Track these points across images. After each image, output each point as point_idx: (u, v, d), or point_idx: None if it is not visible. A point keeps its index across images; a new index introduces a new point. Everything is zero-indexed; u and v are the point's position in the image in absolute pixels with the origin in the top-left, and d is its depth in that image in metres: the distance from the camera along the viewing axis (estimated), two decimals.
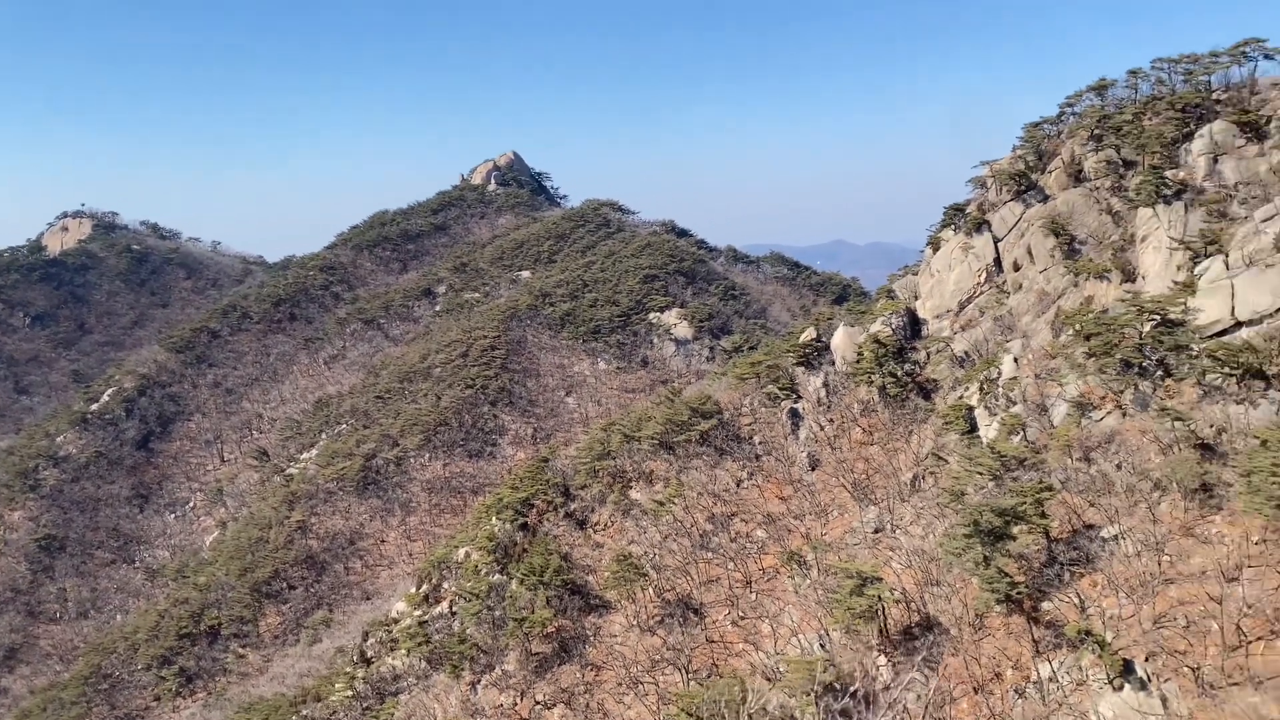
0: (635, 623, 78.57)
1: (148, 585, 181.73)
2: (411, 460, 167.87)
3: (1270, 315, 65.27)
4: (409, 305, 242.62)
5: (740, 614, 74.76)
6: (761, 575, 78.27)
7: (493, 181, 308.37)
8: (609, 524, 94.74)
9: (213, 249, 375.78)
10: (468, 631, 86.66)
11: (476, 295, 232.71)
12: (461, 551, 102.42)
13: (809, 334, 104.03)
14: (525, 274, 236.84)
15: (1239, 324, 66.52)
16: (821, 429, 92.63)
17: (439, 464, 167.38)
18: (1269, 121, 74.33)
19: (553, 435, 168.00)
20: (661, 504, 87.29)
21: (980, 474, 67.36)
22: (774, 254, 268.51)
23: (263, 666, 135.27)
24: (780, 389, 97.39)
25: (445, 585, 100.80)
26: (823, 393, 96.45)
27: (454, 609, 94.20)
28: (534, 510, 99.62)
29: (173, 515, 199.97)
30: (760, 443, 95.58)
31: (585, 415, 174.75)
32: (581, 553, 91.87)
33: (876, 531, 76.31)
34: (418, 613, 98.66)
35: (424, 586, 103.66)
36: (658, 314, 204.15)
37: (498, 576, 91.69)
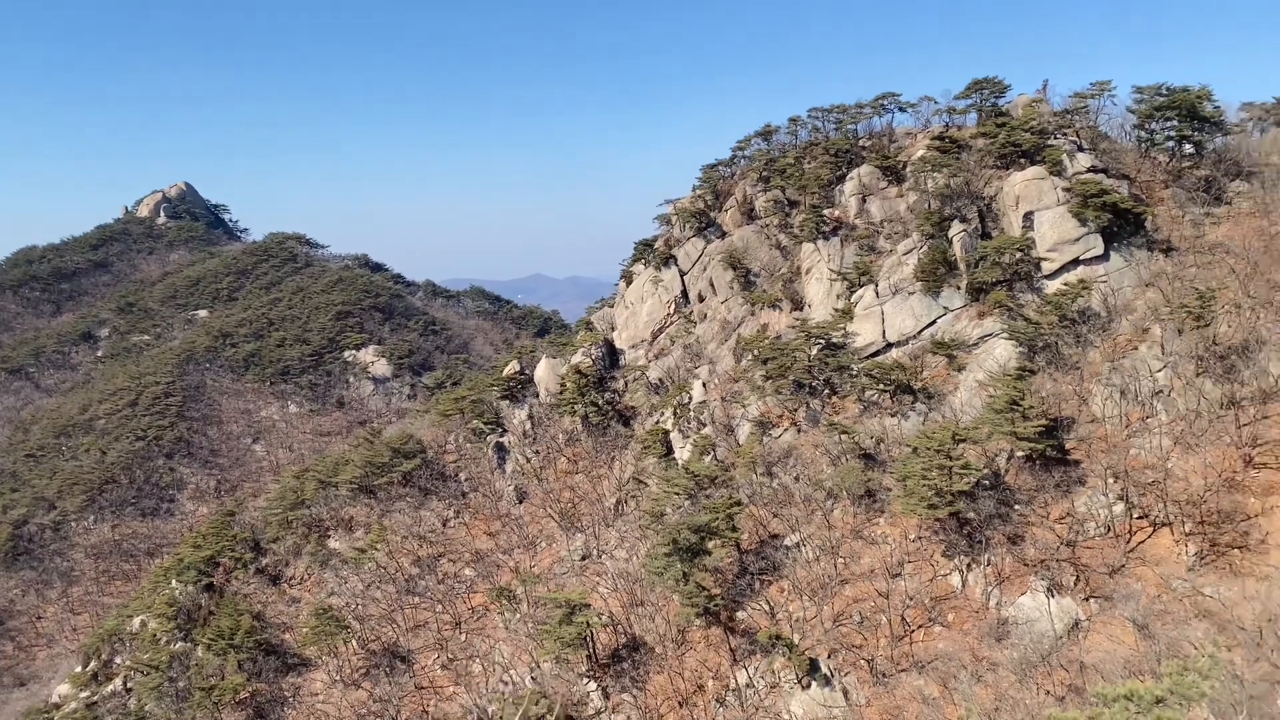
0: (338, 678, 74.28)
1: None
2: (73, 524, 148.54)
3: (914, 336, 74.20)
4: (65, 351, 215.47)
5: (450, 656, 72.87)
6: (471, 614, 76.87)
7: (163, 214, 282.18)
8: (306, 577, 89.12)
9: None
10: (146, 708, 77.65)
11: (146, 338, 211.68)
12: (137, 621, 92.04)
13: (512, 367, 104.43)
14: (202, 313, 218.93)
15: (889, 345, 75.05)
16: (528, 461, 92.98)
17: (106, 526, 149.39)
18: (905, 166, 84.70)
19: (239, 486, 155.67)
20: (363, 551, 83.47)
21: (677, 494, 70.52)
22: (474, 288, 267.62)
23: None
24: (485, 424, 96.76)
25: (118, 660, 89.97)
26: (528, 425, 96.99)
27: (129, 685, 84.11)
28: (220, 569, 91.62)
29: None
30: (466, 479, 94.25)
31: (276, 463, 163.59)
32: (276, 610, 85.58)
33: (584, 559, 77.57)
34: (85, 694, 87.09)
35: (92, 664, 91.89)
36: (353, 352, 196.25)
37: (181, 644, 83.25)
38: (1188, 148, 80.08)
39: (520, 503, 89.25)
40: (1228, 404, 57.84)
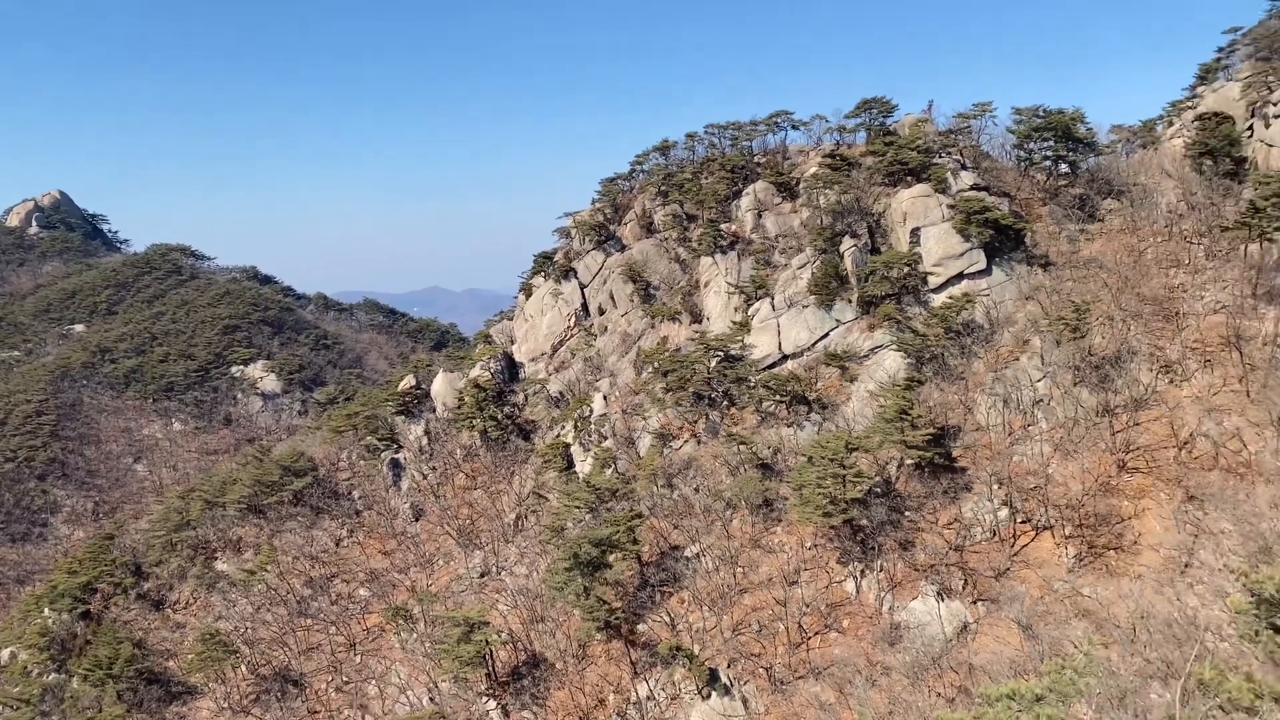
0: (226, 705, 71.31)
1: None
2: None
3: (809, 348, 75.75)
4: None
5: (345, 679, 70.82)
6: (366, 635, 74.88)
7: (34, 224, 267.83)
8: (191, 601, 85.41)
9: None
10: None
11: (16, 354, 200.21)
12: (5, 652, 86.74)
13: (408, 382, 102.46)
14: (79, 328, 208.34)
15: (785, 357, 76.43)
16: (424, 477, 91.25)
17: None
18: (798, 183, 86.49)
19: (119, 508, 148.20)
20: (252, 573, 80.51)
21: (578, 508, 70.21)
22: (369, 301, 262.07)
23: None
24: (380, 440, 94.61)
25: None
26: (425, 441, 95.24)
27: None
28: (98, 595, 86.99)
29: None
30: (361, 497, 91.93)
31: (159, 483, 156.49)
32: (159, 637, 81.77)
33: (483, 575, 76.50)
34: None
35: None
36: (241, 367, 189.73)
37: (55, 675, 78.78)
38: (1063, 167, 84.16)
39: (417, 520, 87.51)
40: (1103, 412, 60.79)
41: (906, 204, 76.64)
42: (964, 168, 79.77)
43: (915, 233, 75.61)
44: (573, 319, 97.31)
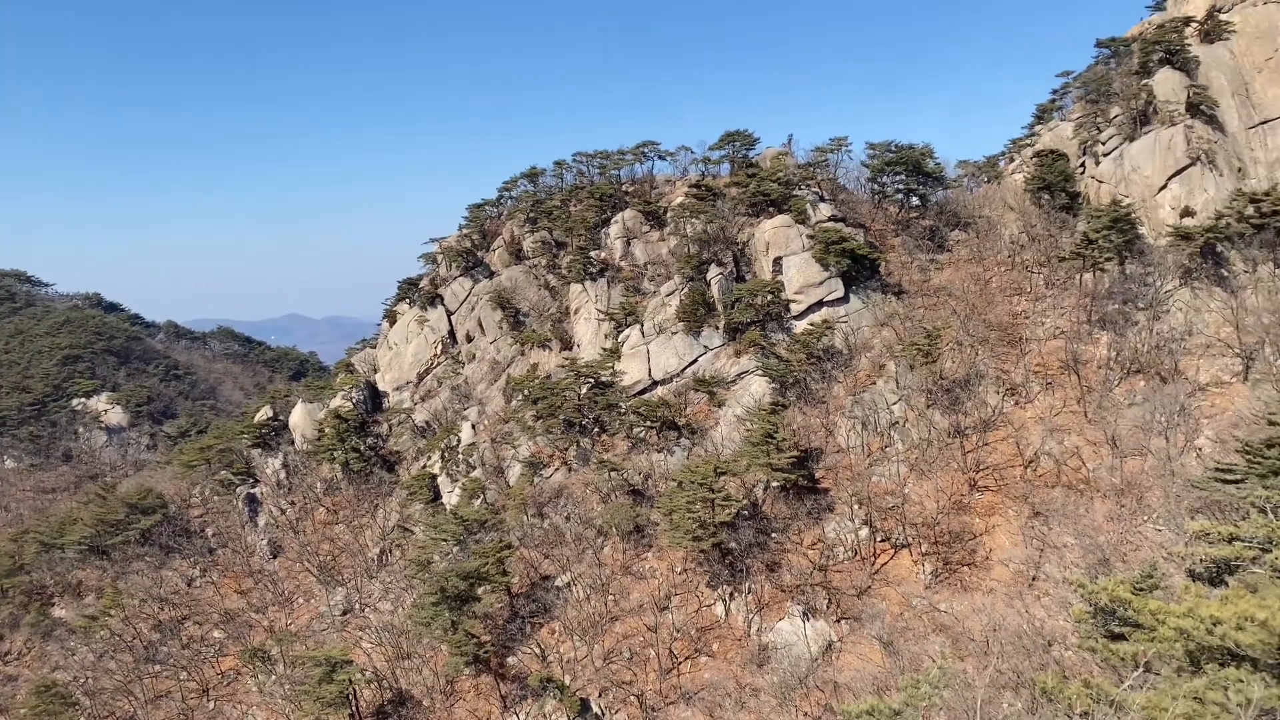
0: None
1: None
2: None
3: (678, 374, 76.61)
4: None
5: None
6: (221, 680, 70.92)
7: None
8: (25, 651, 79.27)
9: None
10: None
11: None
12: None
13: (265, 413, 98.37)
14: None
15: (655, 383, 77.06)
16: (283, 513, 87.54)
17: None
18: (666, 212, 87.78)
19: None
20: (94, 618, 75.25)
21: (445, 540, 68.62)
22: (223, 329, 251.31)
23: None
24: (235, 474, 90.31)
25: None
26: (283, 474, 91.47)
27: None
28: None
29: None
30: (214, 535, 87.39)
31: None
32: None
33: (345, 613, 73.78)
34: None
35: None
36: (83, 400, 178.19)
37: None
38: (914, 200, 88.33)
39: (274, 557, 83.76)
40: (954, 433, 63.65)
41: (769, 234, 78.77)
42: (822, 199, 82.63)
43: (778, 262, 77.75)
44: (439, 346, 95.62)
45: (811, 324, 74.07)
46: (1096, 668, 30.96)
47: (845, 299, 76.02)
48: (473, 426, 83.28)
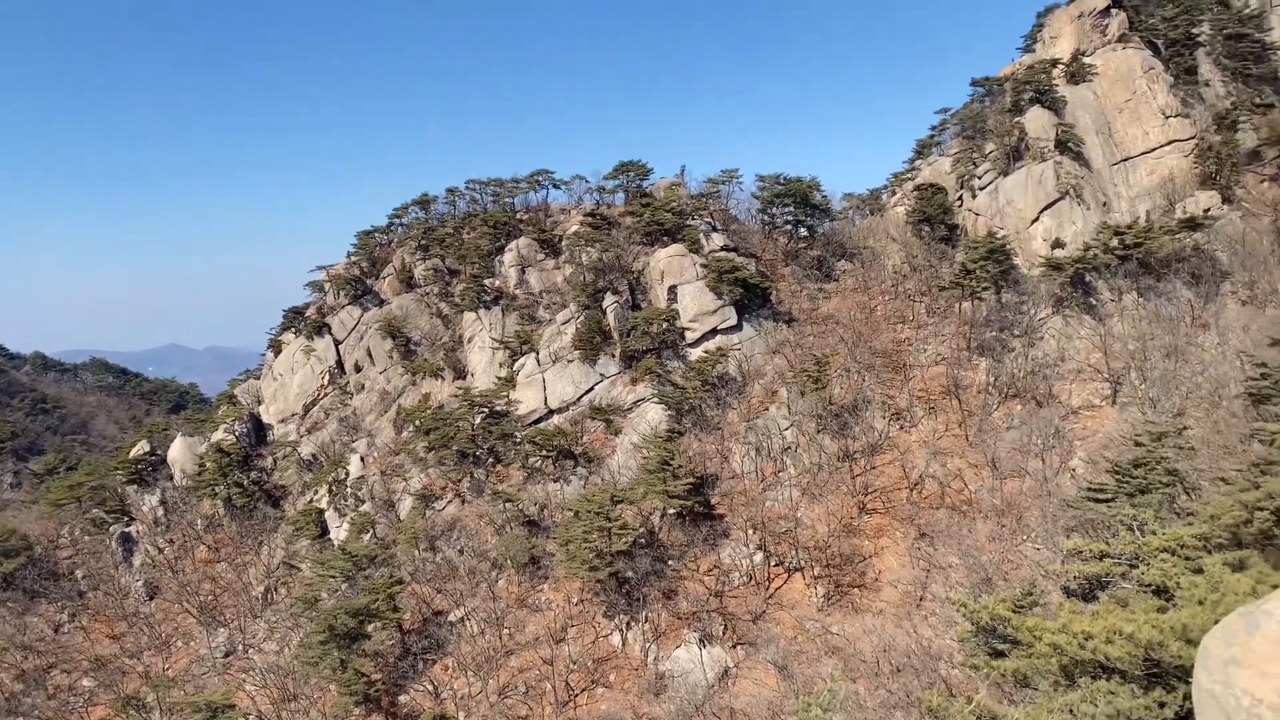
0: None
1: None
2: None
3: (575, 403, 76.33)
4: None
5: None
6: None
7: None
8: None
9: None
10: None
11: None
12: None
13: (142, 447, 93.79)
14: None
15: (551, 412, 76.57)
16: (160, 551, 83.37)
17: None
18: (561, 240, 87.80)
19: None
20: None
21: (334, 577, 66.42)
22: (96, 360, 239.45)
23: None
24: (108, 512, 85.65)
25: None
26: (161, 511, 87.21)
27: None
28: None
29: None
30: (85, 577, 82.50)
31: None
32: None
33: (228, 655, 70.55)
34: None
35: None
36: None
37: None
38: (803, 230, 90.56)
39: (151, 599, 79.60)
40: (843, 457, 65.09)
41: (664, 263, 79.53)
42: (715, 229, 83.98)
43: (673, 290, 78.52)
44: (327, 377, 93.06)
45: (706, 351, 74.90)
46: (981, 685, 31.84)
47: (738, 327, 77.20)
48: (362, 459, 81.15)
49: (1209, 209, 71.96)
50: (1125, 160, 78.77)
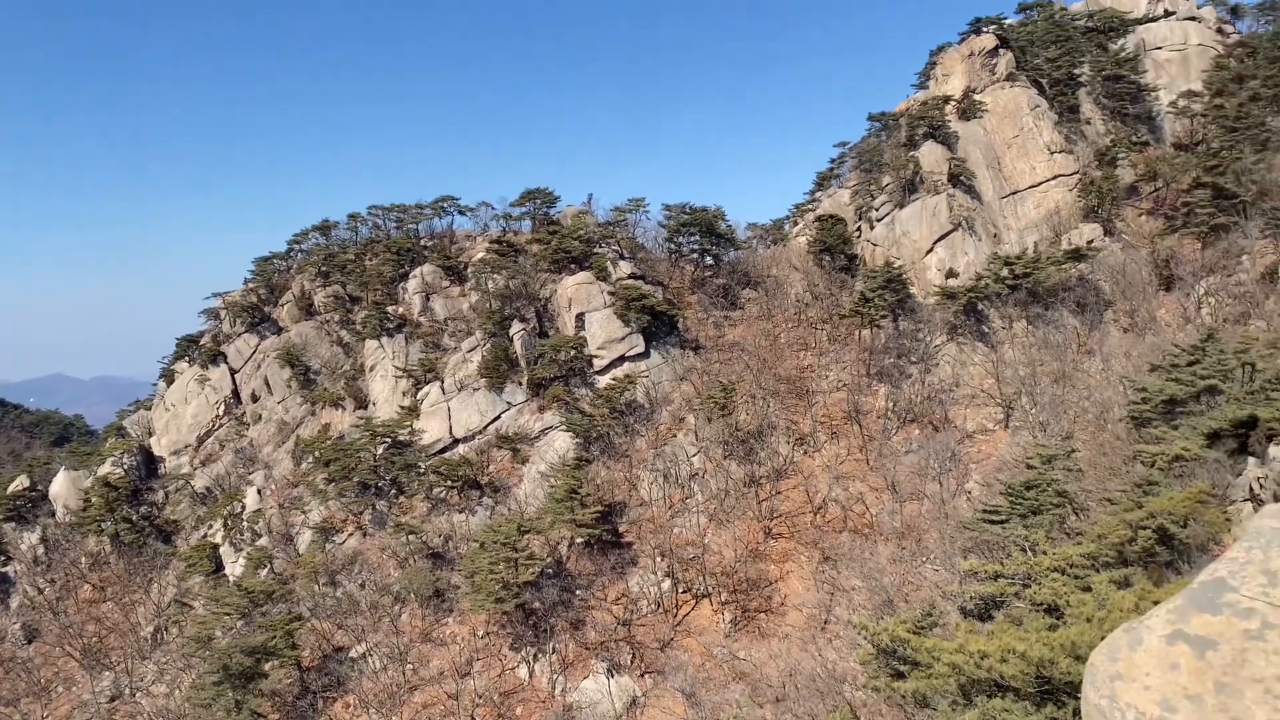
0: None
1: None
2: None
3: (481, 431, 75.43)
4: None
5: None
6: None
7: None
8: None
9: None
10: None
11: None
12: None
13: (21, 483, 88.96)
14: None
15: (457, 441, 75.49)
16: (40, 592, 78.96)
17: None
18: (466, 267, 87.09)
19: None
20: None
21: (229, 614, 63.91)
22: None
23: None
24: None
25: None
26: (41, 550, 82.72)
27: None
28: None
29: None
30: None
31: None
32: None
33: (113, 699, 67.05)
34: None
35: None
36: None
37: None
38: (709, 259, 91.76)
39: (29, 643, 75.21)
40: (749, 482, 65.84)
41: (571, 290, 79.53)
42: (622, 257, 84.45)
43: (580, 318, 78.53)
44: (222, 407, 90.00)
45: (614, 379, 75.02)
46: (884, 706, 32.43)
47: (646, 354, 77.61)
48: (259, 491, 78.56)
49: (1092, 240, 75.57)
50: (1014, 193, 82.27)
